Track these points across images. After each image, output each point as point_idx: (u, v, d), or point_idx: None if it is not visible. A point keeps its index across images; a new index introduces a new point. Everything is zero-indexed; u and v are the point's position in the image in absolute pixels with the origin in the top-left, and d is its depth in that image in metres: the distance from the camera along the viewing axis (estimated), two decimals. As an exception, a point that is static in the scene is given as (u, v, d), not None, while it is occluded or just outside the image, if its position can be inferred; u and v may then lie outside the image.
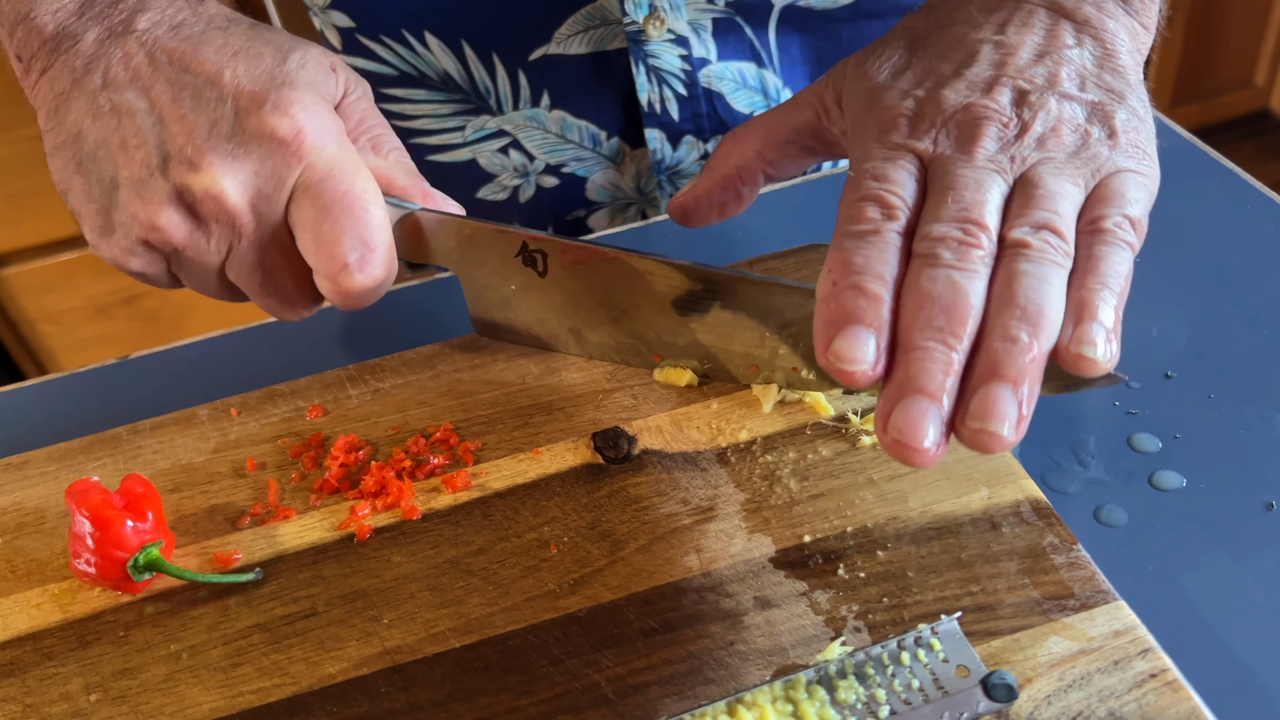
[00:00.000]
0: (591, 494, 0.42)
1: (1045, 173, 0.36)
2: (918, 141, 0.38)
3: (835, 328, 0.34)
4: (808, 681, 0.35)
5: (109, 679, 0.38)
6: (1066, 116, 0.38)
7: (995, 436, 0.32)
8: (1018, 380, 0.32)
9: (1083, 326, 0.33)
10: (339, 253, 0.40)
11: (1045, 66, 0.39)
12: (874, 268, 0.35)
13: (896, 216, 0.36)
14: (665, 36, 0.62)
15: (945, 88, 0.39)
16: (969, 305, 0.33)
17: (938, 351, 0.33)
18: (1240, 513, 0.41)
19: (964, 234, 0.35)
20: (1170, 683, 0.34)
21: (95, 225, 0.42)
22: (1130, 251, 0.36)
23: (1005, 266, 0.34)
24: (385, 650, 0.38)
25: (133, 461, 0.46)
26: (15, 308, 1.49)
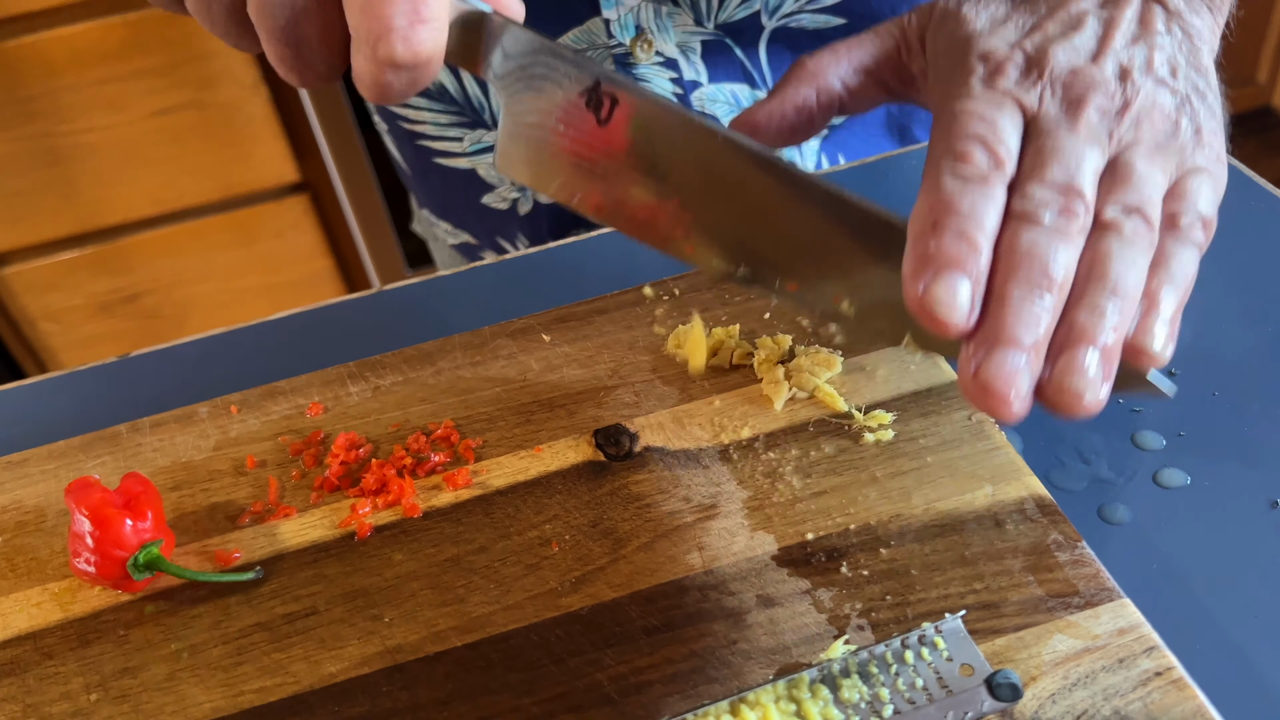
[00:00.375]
0: (593, 491, 0.42)
1: (1139, 156, 0.37)
2: (1024, 94, 0.38)
3: (935, 271, 0.33)
4: (811, 680, 0.35)
5: (109, 678, 0.38)
6: (1161, 103, 0.38)
7: (1079, 398, 0.32)
8: (1106, 346, 0.33)
9: (1148, 318, 0.34)
10: (387, 13, 0.33)
11: (1141, 48, 0.39)
12: (979, 216, 0.34)
13: (1003, 166, 0.36)
14: (654, 59, 0.61)
15: (1054, 45, 0.39)
16: (1065, 269, 0.34)
17: (1032, 305, 0.33)
18: (1245, 510, 0.41)
19: (1066, 202, 0.35)
20: (1175, 681, 0.34)
21: None
22: (1198, 252, 0.36)
23: (1098, 242, 0.35)
24: (387, 649, 0.38)
25: (133, 459, 0.46)
26: (16, 306, 1.49)
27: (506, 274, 0.56)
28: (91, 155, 1.37)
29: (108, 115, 1.34)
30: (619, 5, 0.58)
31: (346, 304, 0.56)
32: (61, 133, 1.35)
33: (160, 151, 1.39)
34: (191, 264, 1.51)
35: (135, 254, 1.48)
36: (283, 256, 1.53)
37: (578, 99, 0.38)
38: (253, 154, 1.42)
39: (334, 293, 1.60)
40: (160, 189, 1.42)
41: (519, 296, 0.55)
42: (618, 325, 0.49)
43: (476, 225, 0.75)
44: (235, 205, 1.46)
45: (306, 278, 1.57)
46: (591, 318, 0.49)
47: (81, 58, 1.29)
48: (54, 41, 1.27)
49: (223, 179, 1.43)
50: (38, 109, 1.32)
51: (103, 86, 1.32)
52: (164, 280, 1.52)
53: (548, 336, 0.48)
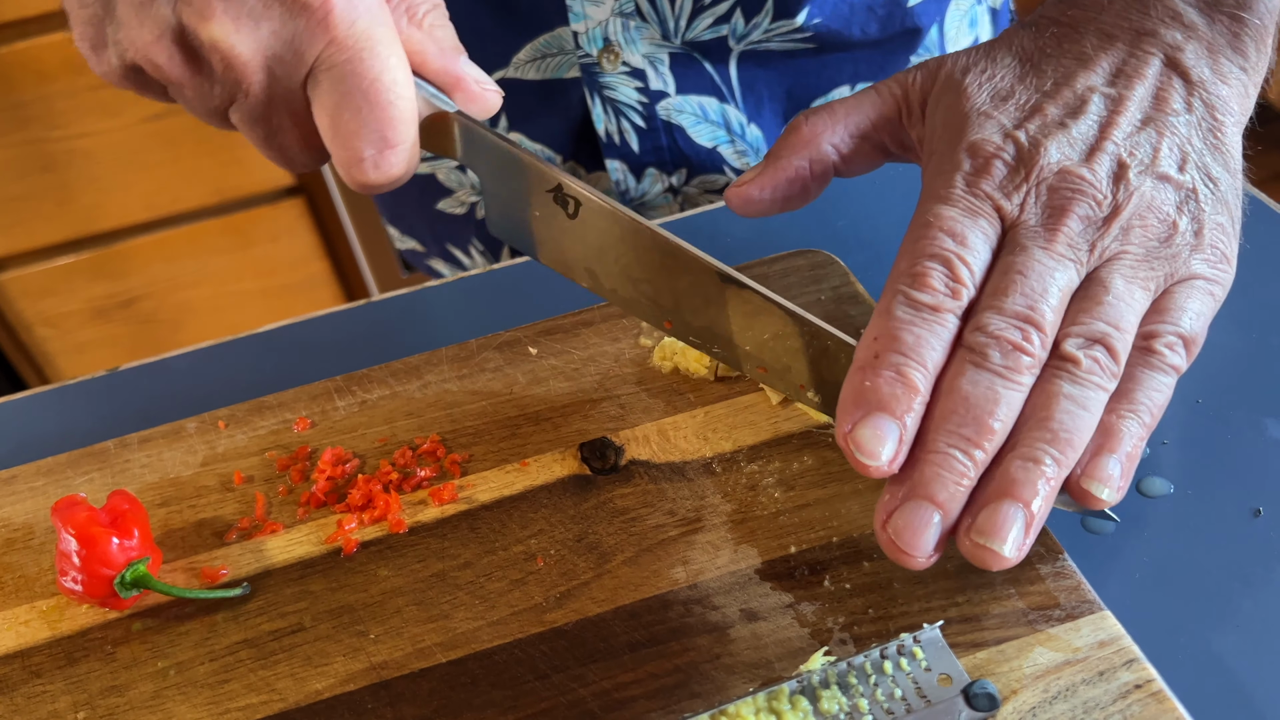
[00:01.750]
0: (579, 505, 0.42)
1: (1118, 274, 0.35)
2: (1006, 200, 0.36)
3: (863, 410, 0.33)
4: (791, 692, 0.35)
5: (96, 697, 0.38)
6: (1158, 203, 0.36)
7: (996, 555, 0.32)
8: (1030, 502, 0.32)
9: (1098, 460, 0.33)
10: (356, 145, 0.36)
11: (1148, 136, 0.37)
12: (921, 353, 0.33)
13: (960, 295, 0.34)
14: (620, 69, 0.61)
15: (1049, 139, 0.36)
16: (1001, 419, 0.33)
17: (957, 461, 0.32)
18: (1228, 519, 0.41)
19: (1021, 337, 0.33)
20: (1155, 694, 0.34)
21: (86, 35, 0.38)
22: (1173, 376, 0.35)
23: (1049, 381, 0.33)
24: (372, 666, 0.38)
25: (121, 475, 0.46)
26: (12, 312, 1.49)
27: (493, 285, 0.57)
28: (86, 160, 1.37)
29: (102, 120, 1.34)
30: (586, 19, 0.59)
31: (335, 316, 0.56)
32: (56, 138, 1.35)
33: (155, 156, 1.39)
34: (187, 268, 1.51)
35: (131, 259, 1.48)
36: (278, 260, 1.53)
37: (545, 195, 0.41)
38: (247, 158, 1.42)
39: (330, 295, 1.60)
40: (155, 193, 1.42)
41: (506, 308, 0.55)
42: (604, 338, 0.49)
43: (426, 232, 0.75)
44: (230, 209, 1.47)
45: (302, 281, 1.57)
46: (578, 330, 0.49)
47: (75, 63, 1.29)
48: (47, 47, 1.27)
49: (217, 183, 1.43)
50: (31, 115, 1.32)
51: (96, 92, 1.32)
52: (160, 285, 1.52)
53: (534, 349, 0.49)
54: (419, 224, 0.75)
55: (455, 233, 0.73)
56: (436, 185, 0.70)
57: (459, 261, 0.75)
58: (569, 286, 0.56)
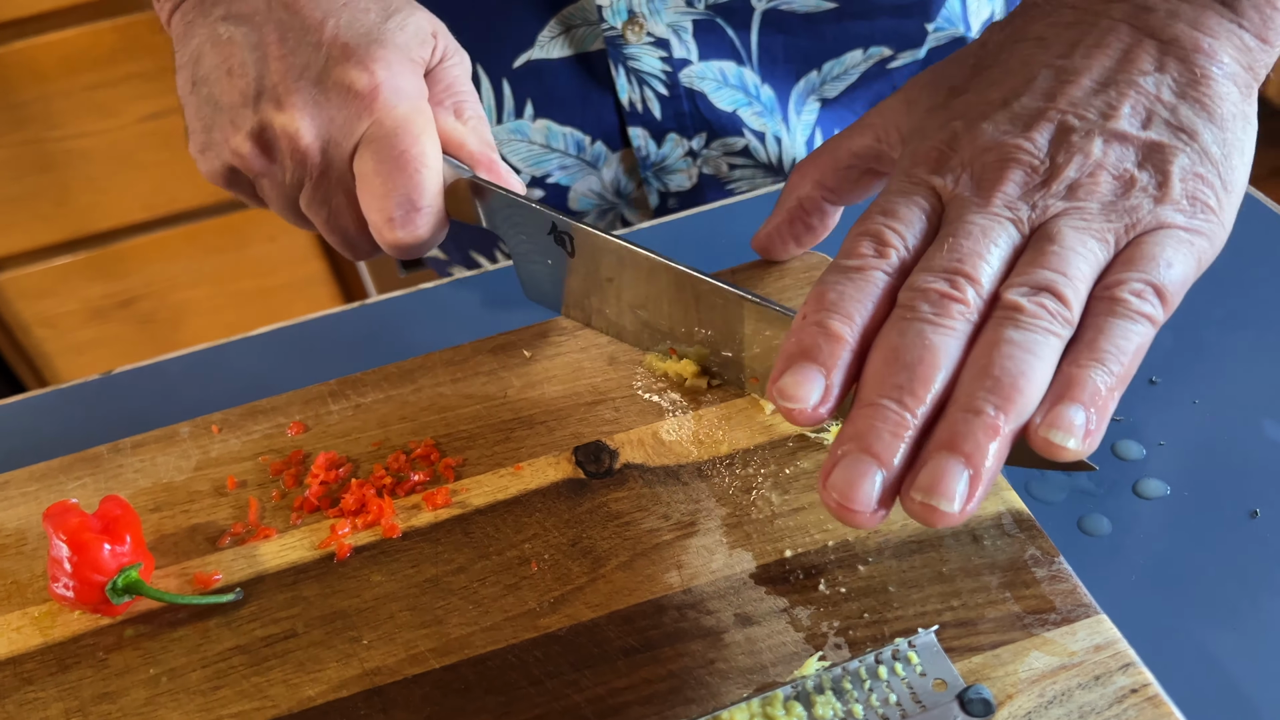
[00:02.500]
0: (573, 510, 0.42)
1: (1066, 225, 0.33)
2: (939, 177, 0.36)
3: (788, 361, 0.32)
4: (785, 697, 0.35)
5: (89, 703, 0.38)
6: (1111, 161, 0.34)
7: (938, 512, 0.30)
8: (973, 455, 0.30)
9: (1059, 408, 0.30)
10: (386, 205, 0.42)
11: (1106, 97, 0.35)
12: (845, 306, 0.33)
13: (888, 255, 0.34)
14: (645, 40, 0.61)
15: (985, 120, 0.36)
16: (935, 365, 0.31)
17: (890, 411, 0.31)
18: (1225, 520, 0.41)
19: (950, 286, 0.32)
20: (1151, 698, 0.34)
21: (198, 141, 0.45)
22: (1146, 325, 0.32)
23: (990, 330, 0.32)
24: (365, 671, 0.38)
25: (113, 481, 0.46)
26: (10, 312, 1.49)
27: (488, 288, 0.56)
28: (83, 161, 1.37)
29: (99, 120, 1.34)
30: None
31: (329, 318, 0.56)
32: (53, 139, 1.34)
33: (152, 156, 1.39)
34: (185, 268, 1.51)
35: (129, 259, 1.48)
36: (276, 259, 1.53)
37: (547, 237, 0.44)
38: (244, 158, 1.41)
39: (327, 295, 1.60)
40: (152, 193, 1.42)
41: (500, 311, 0.55)
42: (598, 340, 0.49)
43: (449, 241, 0.75)
44: (228, 209, 1.46)
45: (300, 280, 1.57)
46: (572, 333, 0.49)
47: (71, 63, 1.29)
48: (43, 47, 1.27)
49: (215, 183, 1.43)
50: (28, 115, 1.32)
51: (93, 92, 1.32)
52: (158, 285, 1.52)
53: (529, 352, 0.48)
54: None
55: (480, 237, 0.73)
56: None
57: (482, 267, 0.76)
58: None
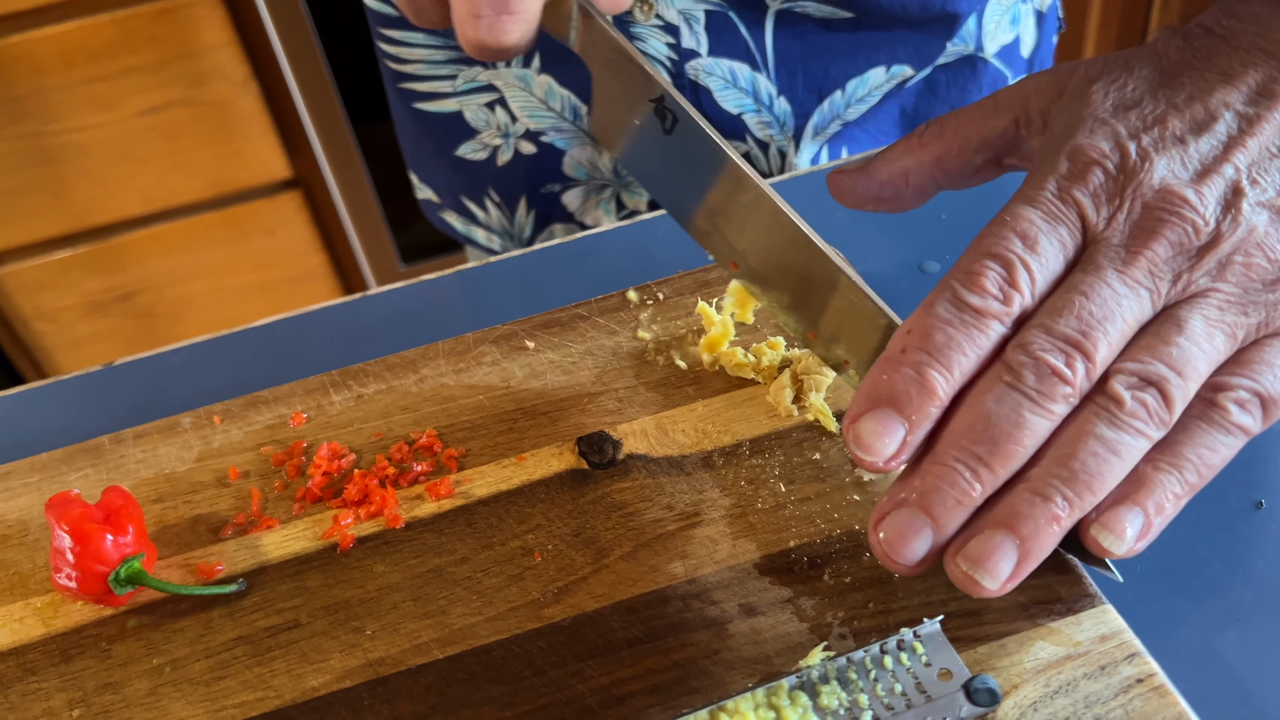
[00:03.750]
0: (576, 500, 0.42)
1: (1200, 314, 0.31)
2: (1094, 210, 0.33)
3: (872, 403, 0.31)
4: (790, 687, 0.35)
5: (91, 694, 0.38)
6: (1271, 241, 0.32)
7: (979, 587, 0.30)
8: (1029, 539, 0.30)
9: (1119, 509, 0.30)
10: (476, 1, 0.37)
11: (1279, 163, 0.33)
12: (950, 357, 0.31)
13: (1012, 302, 0.32)
14: (653, 22, 0.61)
15: (1160, 153, 0.33)
16: (1022, 444, 0.30)
17: (962, 479, 0.30)
18: (1230, 511, 0.41)
19: (1064, 363, 0.30)
20: (1157, 688, 0.34)
21: None
22: (1240, 437, 0.31)
23: (1083, 418, 0.30)
24: (369, 662, 0.38)
25: (115, 471, 0.45)
26: (9, 306, 1.49)
27: (490, 278, 0.56)
28: (82, 154, 1.37)
29: (98, 114, 1.34)
30: None
31: (331, 310, 0.55)
32: (51, 132, 1.34)
33: (151, 149, 1.38)
34: (185, 262, 1.50)
35: (128, 253, 1.48)
36: (276, 253, 1.53)
37: (648, 104, 0.40)
38: (244, 151, 1.41)
39: (328, 289, 1.59)
40: (152, 187, 1.42)
41: (502, 301, 0.54)
42: (601, 331, 0.48)
43: (442, 182, 0.74)
44: (227, 202, 1.46)
45: (300, 274, 1.57)
46: (575, 323, 0.49)
47: (70, 56, 1.29)
48: (42, 41, 1.27)
49: (214, 176, 1.43)
50: (27, 108, 1.31)
51: (92, 85, 1.31)
52: (157, 278, 1.51)
53: (531, 343, 0.48)
54: (436, 172, 0.74)
55: (472, 182, 0.72)
56: (463, 125, 0.69)
57: (472, 215, 0.75)
58: (565, 280, 0.56)
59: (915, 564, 0.31)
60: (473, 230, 0.76)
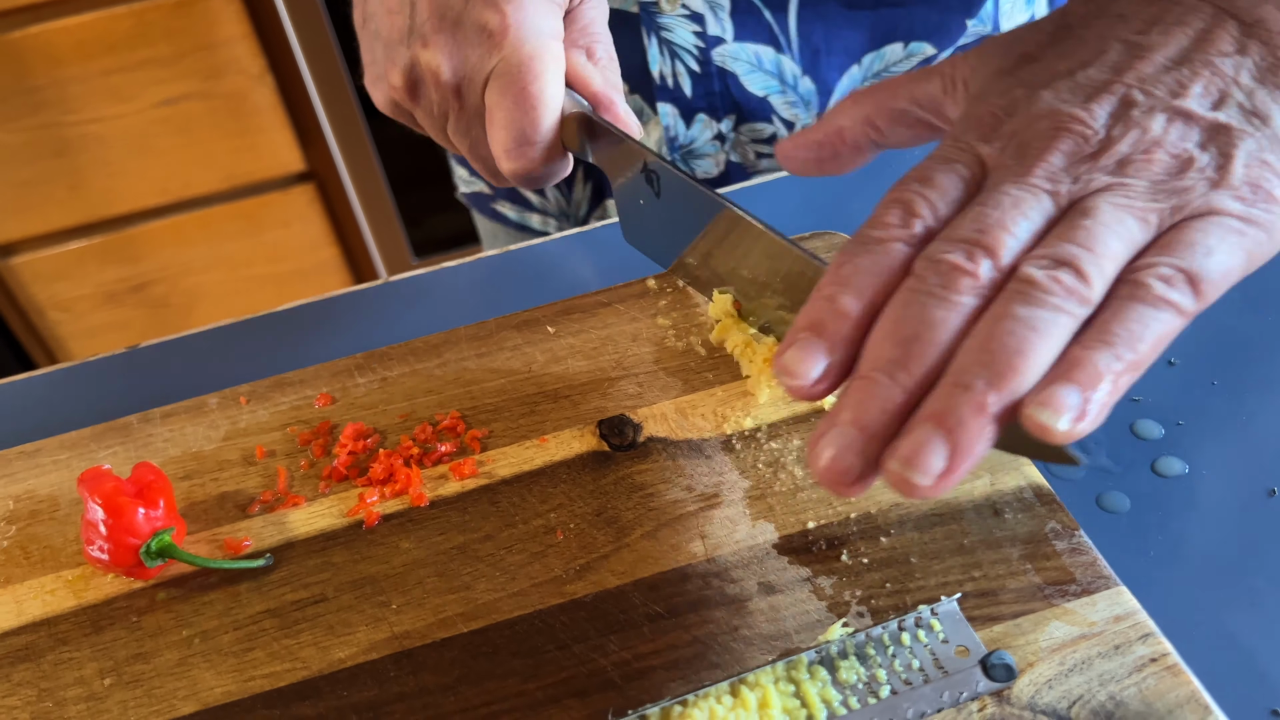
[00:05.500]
0: (597, 481, 0.43)
1: (1105, 201, 0.31)
2: (985, 144, 0.34)
3: (794, 334, 0.32)
4: (809, 662, 0.36)
5: (122, 663, 0.39)
6: (1171, 139, 0.32)
7: (912, 485, 0.29)
8: (955, 430, 0.29)
9: (1052, 387, 0.29)
10: (504, 138, 0.44)
11: (1178, 75, 0.33)
12: (858, 281, 0.32)
13: (912, 225, 0.33)
14: (679, 11, 0.61)
15: (1047, 88, 0.34)
16: (934, 341, 0.30)
17: (882, 386, 0.30)
18: (1242, 499, 0.42)
19: (965, 258, 0.31)
20: (1170, 667, 0.35)
21: (370, 75, 0.49)
22: (1170, 313, 0.30)
23: (997, 304, 0.30)
24: (394, 635, 0.39)
25: (143, 449, 0.46)
26: (25, 295, 1.50)
27: (511, 266, 0.57)
28: (98, 145, 1.38)
29: (114, 105, 1.35)
30: None
31: (353, 295, 0.56)
32: (68, 123, 1.35)
33: (166, 141, 1.39)
34: (198, 253, 1.51)
35: (142, 243, 1.49)
36: (289, 245, 1.54)
37: (641, 178, 0.45)
38: (259, 143, 1.42)
39: (340, 282, 1.60)
40: (167, 179, 1.43)
41: (524, 288, 0.55)
42: (622, 317, 0.49)
43: None
44: (242, 195, 1.47)
45: (313, 267, 1.57)
46: (596, 310, 0.50)
47: (87, 48, 1.30)
48: (60, 32, 1.28)
49: (229, 168, 1.44)
50: (44, 99, 1.32)
51: (109, 77, 1.32)
52: (171, 269, 1.52)
53: (552, 328, 0.49)
54: None
55: None
56: None
57: (528, 202, 0.76)
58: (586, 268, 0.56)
59: (854, 479, 0.30)
60: (527, 217, 0.77)
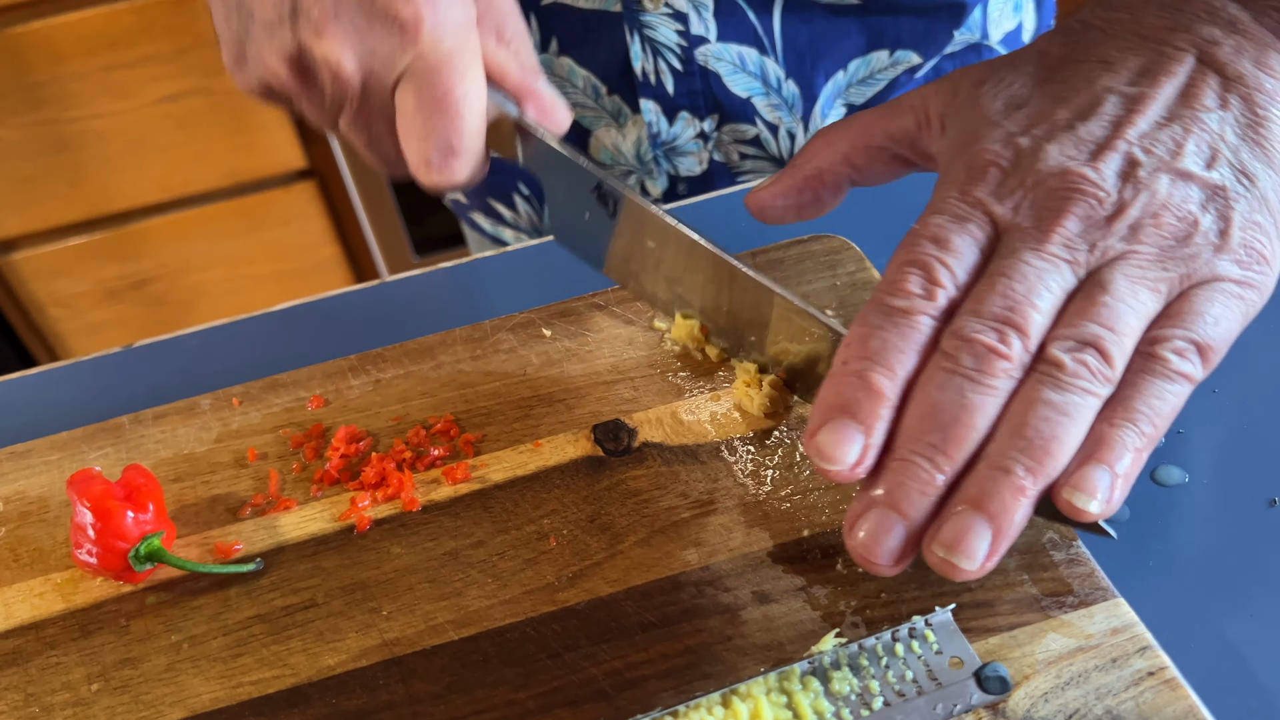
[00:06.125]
0: (591, 486, 0.42)
1: (1121, 274, 0.32)
2: (998, 204, 0.34)
3: (827, 414, 0.32)
4: (802, 673, 0.35)
5: (110, 668, 0.38)
6: (1176, 201, 0.33)
7: (958, 570, 0.31)
8: (997, 515, 0.30)
9: (1086, 470, 0.31)
10: (424, 148, 0.40)
11: (1171, 132, 0.34)
12: (888, 357, 0.32)
13: (936, 297, 0.33)
14: (662, 10, 0.61)
15: (1051, 141, 0.35)
16: (973, 426, 0.31)
17: (922, 470, 0.31)
18: (1242, 509, 0.41)
19: (998, 340, 0.32)
20: (1168, 681, 0.34)
21: (231, 53, 0.43)
22: (1184, 385, 0.32)
23: (1029, 387, 0.31)
24: (384, 642, 0.38)
25: (135, 451, 0.46)
26: (25, 292, 1.50)
27: (507, 267, 0.57)
28: (99, 141, 1.38)
29: (115, 101, 1.35)
30: None
31: (349, 295, 0.56)
32: (69, 119, 1.35)
33: (167, 138, 1.39)
34: (199, 250, 1.51)
35: (143, 240, 1.48)
36: (290, 243, 1.54)
37: (590, 194, 0.43)
38: (260, 140, 1.42)
39: (341, 280, 1.60)
40: (168, 175, 1.43)
41: (519, 290, 0.55)
42: (617, 321, 0.49)
43: None
44: (242, 192, 1.47)
45: (313, 265, 1.57)
46: (591, 313, 0.49)
47: (88, 44, 1.30)
48: (61, 28, 1.28)
49: (230, 165, 1.43)
50: (45, 95, 1.32)
51: (110, 73, 1.32)
52: (172, 266, 1.52)
53: (548, 331, 0.49)
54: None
55: (500, 181, 0.73)
56: None
57: (499, 215, 0.75)
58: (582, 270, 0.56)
59: (893, 562, 0.31)
60: (501, 230, 0.77)
